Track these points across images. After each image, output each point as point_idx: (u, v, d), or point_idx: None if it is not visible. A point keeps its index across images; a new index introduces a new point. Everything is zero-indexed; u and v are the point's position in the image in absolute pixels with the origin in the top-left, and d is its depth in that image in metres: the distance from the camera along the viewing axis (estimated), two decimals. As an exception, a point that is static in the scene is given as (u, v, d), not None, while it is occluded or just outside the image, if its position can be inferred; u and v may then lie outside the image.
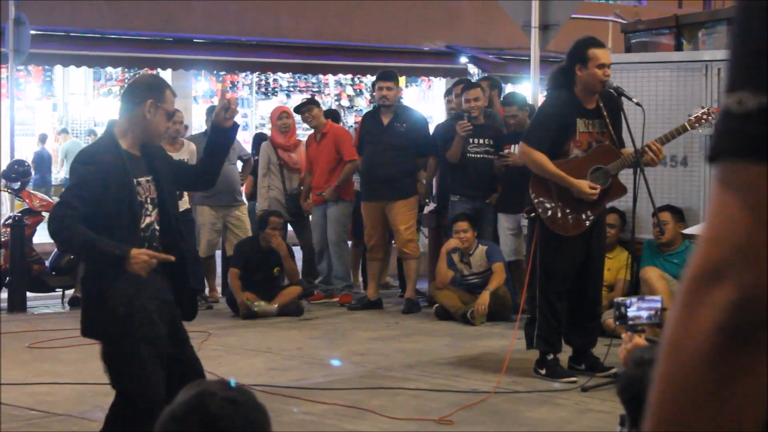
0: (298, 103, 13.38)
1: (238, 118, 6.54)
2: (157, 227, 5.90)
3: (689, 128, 8.68)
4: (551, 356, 8.66)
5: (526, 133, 8.86)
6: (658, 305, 5.23)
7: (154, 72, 20.12)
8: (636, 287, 10.01)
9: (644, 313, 5.10)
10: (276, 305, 11.64)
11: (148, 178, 5.88)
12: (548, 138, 8.47)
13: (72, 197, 5.64)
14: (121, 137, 5.81)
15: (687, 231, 9.52)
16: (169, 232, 5.99)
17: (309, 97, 18.11)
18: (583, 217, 8.54)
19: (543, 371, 8.65)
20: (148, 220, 5.82)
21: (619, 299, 5.25)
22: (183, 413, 2.56)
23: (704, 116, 8.70)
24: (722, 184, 1.29)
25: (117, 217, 5.67)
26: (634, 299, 5.20)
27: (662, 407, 1.31)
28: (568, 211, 8.52)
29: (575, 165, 8.49)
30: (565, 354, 8.88)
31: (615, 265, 10.44)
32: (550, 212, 8.52)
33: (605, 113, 8.55)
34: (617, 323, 5.27)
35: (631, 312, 5.10)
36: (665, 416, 1.31)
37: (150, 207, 5.85)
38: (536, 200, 8.57)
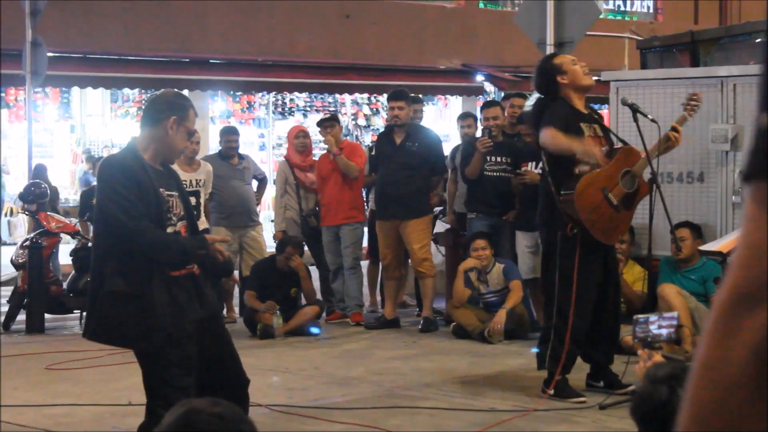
0: (319, 119, 13.40)
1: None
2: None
3: (689, 117, 8.67)
4: (560, 376, 8.56)
5: (545, 119, 8.42)
6: (675, 322, 5.21)
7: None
8: (653, 303, 9.98)
9: (664, 331, 5.08)
10: (282, 328, 11.64)
11: (173, 193, 5.93)
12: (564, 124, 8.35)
13: (125, 209, 5.68)
14: (143, 151, 5.86)
15: (704, 247, 9.50)
16: None
17: (331, 113, 18.14)
18: (617, 226, 8.54)
19: (551, 391, 8.52)
20: (171, 229, 5.85)
21: (638, 316, 5.23)
22: None
23: (693, 101, 8.70)
24: (756, 204, 1.27)
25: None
26: (653, 317, 5.17)
27: (694, 429, 1.29)
28: (602, 222, 8.43)
29: (607, 173, 8.41)
30: (583, 371, 8.83)
31: (629, 279, 10.42)
32: (587, 222, 8.39)
33: (596, 116, 8.61)
34: (636, 340, 5.25)
35: (652, 329, 5.08)
36: None
37: (174, 219, 5.89)
38: (567, 214, 8.41)
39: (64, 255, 13.37)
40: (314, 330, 11.74)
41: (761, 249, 1.25)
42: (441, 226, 12.97)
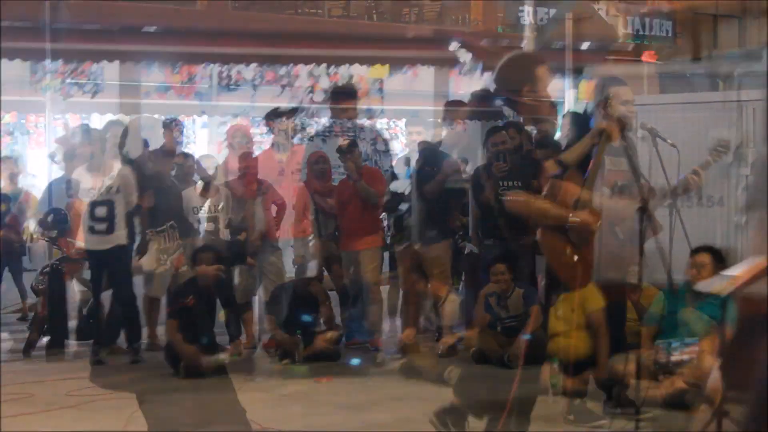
0: (338, 145, 13.42)
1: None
2: (180, 271, 5.98)
3: (712, 163, 8.66)
4: (578, 401, 8.54)
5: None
6: (696, 348, 5.20)
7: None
8: (674, 328, 9.94)
9: (685, 357, 5.08)
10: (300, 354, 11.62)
11: (163, 228, 5.95)
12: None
13: None
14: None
15: (725, 272, 9.45)
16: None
17: (350, 139, 18.16)
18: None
19: (572, 417, 8.50)
20: (162, 269, 5.88)
21: (660, 342, 5.23)
22: None
23: (721, 147, 8.68)
24: (758, 231, 1.29)
25: None
26: (675, 343, 5.17)
27: None
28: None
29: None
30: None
31: (645, 301, 10.37)
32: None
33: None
34: (657, 366, 5.24)
35: (673, 355, 5.08)
36: None
37: (165, 257, 5.91)
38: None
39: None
40: (354, 361, 11.69)
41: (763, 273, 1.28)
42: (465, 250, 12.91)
